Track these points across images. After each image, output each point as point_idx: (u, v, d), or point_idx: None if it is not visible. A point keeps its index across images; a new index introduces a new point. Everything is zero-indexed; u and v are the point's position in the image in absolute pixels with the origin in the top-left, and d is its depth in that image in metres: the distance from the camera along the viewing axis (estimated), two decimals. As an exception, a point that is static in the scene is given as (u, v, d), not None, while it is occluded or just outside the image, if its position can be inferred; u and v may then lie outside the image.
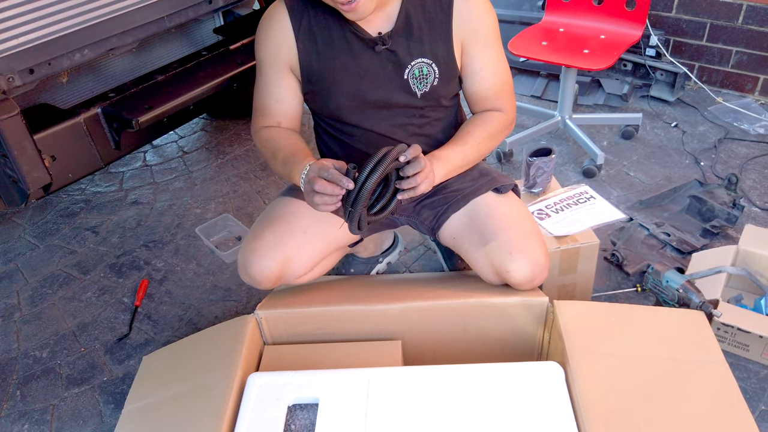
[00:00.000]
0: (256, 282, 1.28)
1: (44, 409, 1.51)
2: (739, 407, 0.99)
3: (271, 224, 1.30)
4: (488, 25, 1.24)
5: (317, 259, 1.33)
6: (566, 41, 2.21)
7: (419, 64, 1.21)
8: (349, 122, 1.30)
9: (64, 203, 2.31)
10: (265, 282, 1.28)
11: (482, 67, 1.27)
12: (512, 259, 1.20)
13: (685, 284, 1.40)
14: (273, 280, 1.28)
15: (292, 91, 1.29)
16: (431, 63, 1.22)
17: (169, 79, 1.71)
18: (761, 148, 2.24)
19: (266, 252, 1.26)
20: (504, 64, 1.30)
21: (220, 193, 2.26)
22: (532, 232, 1.25)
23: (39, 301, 1.85)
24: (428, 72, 1.22)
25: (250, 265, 1.26)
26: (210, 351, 1.25)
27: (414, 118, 1.29)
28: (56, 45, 1.40)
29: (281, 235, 1.28)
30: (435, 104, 1.29)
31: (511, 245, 1.21)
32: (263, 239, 1.27)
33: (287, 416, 1.05)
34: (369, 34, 1.19)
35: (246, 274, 1.28)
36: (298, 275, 1.31)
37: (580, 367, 1.06)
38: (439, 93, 1.26)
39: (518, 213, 1.29)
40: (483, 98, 1.31)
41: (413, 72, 1.21)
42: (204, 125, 2.74)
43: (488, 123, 1.30)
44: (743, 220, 1.88)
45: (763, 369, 1.42)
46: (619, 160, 2.25)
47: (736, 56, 2.53)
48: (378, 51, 1.20)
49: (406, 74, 1.22)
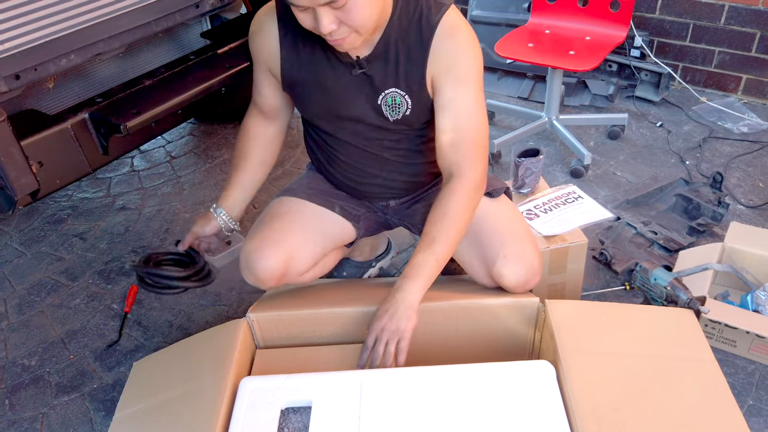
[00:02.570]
0: (260, 281, 1.28)
1: (34, 418, 1.50)
2: (728, 403, 1.00)
3: (271, 223, 1.31)
4: (464, 64, 1.15)
5: (319, 256, 1.35)
6: (552, 43, 2.23)
7: (392, 93, 1.20)
8: (325, 131, 1.32)
9: (51, 210, 2.29)
10: (269, 280, 1.28)
11: (447, 104, 1.17)
12: (506, 263, 1.21)
13: (672, 282, 1.42)
14: (276, 278, 1.28)
15: (272, 89, 1.33)
16: (404, 95, 1.19)
17: (157, 83, 1.70)
18: (745, 147, 2.28)
19: (269, 250, 1.26)
20: (477, 109, 1.17)
21: (209, 198, 2.25)
22: (525, 237, 1.26)
23: (27, 309, 1.84)
24: (401, 102, 1.20)
25: (254, 265, 1.26)
26: (201, 356, 1.24)
27: (388, 133, 1.29)
28: (42, 50, 1.39)
29: (283, 233, 1.29)
30: (408, 128, 1.27)
31: (505, 249, 1.22)
32: (265, 238, 1.28)
33: (280, 420, 1.04)
34: (349, 56, 1.18)
35: (250, 274, 1.29)
36: (300, 272, 1.32)
37: (571, 366, 1.07)
38: (412, 120, 1.24)
39: (511, 217, 1.30)
40: (446, 145, 1.19)
41: (386, 99, 1.21)
42: (192, 129, 2.73)
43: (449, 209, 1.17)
44: (728, 217, 1.90)
45: (750, 364, 1.44)
46: (606, 160, 2.28)
47: (719, 56, 2.57)
48: (354, 74, 1.19)
49: (379, 100, 1.21)
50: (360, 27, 1.05)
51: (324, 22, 1.01)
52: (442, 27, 1.13)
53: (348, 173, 1.36)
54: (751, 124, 2.41)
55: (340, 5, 1.00)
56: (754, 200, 2.00)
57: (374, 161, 1.32)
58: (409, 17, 1.13)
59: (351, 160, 1.33)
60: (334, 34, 1.06)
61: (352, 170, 1.35)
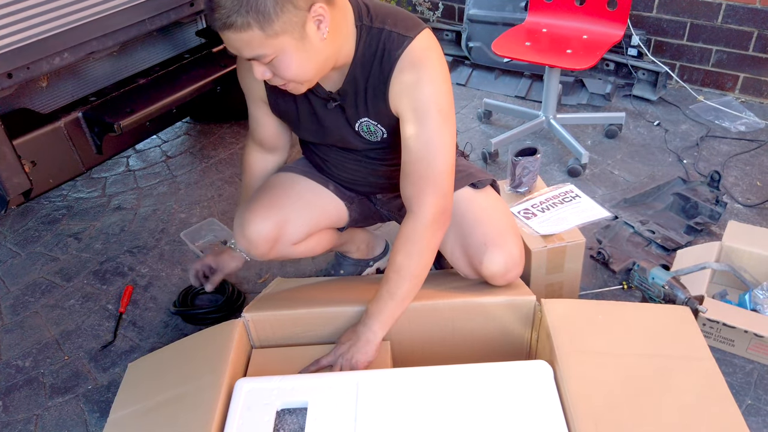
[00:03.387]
0: (253, 244, 1.30)
1: (28, 420, 1.48)
2: (727, 402, 1.00)
3: (267, 190, 1.36)
4: (423, 96, 1.11)
5: (312, 227, 1.37)
6: (549, 41, 2.23)
7: (365, 122, 1.22)
8: (318, 153, 1.39)
9: (45, 210, 2.27)
10: (262, 244, 1.29)
11: (406, 138, 1.14)
12: (486, 251, 1.22)
13: (670, 281, 1.41)
14: (270, 242, 1.30)
15: (268, 116, 1.36)
16: (376, 123, 1.22)
17: (152, 82, 1.69)
18: (742, 146, 2.28)
19: (263, 212, 1.29)
20: (433, 142, 1.12)
21: (205, 198, 2.24)
22: (507, 227, 1.27)
23: (21, 310, 1.82)
24: (375, 129, 1.23)
25: (247, 225, 1.29)
26: (197, 356, 1.23)
27: (376, 152, 1.32)
28: (35, 49, 1.38)
29: (277, 199, 1.32)
30: (393, 142, 1.26)
31: (486, 238, 1.22)
32: (260, 202, 1.32)
33: (276, 421, 1.04)
34: (324, 90, 1.20)
35: (242, 238, 1.30)
36: (294, 240, 1.34)
37: (568, 366, 1.06)
38: (394, 141, 1.24)
39: (495, 208, 1.30)
40: (401, 178, 1.17)
41: (362, 127, 1.24)
42: (188, 129, 2.72)
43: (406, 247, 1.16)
44: (726, 216, 1.90)
45: (748, 364, 1.44)
46: (603, 159, 2.27)
47: (716, 55, 2.57)
48: (329, 108, 1.23)
49: (356, 127, 1.24)
50: (293, 79, 1.07)
51: (257, 72, 1.05)
52: (402, 62, 1.10)
53: (339, 174, 1.40)
54: (748, 122, 2.41)
55: (266, 62, 1.02)
56: (752, 199, 1.99)
57: (364, 168, 1.36)
58: (373, 52, 1.12)
59: (341, 166, 1.38)
60: (272, 82, 1.09)
61: (343, 172, 1.39)
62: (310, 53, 1.03)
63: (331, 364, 1.17)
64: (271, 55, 1.00)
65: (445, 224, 1.18)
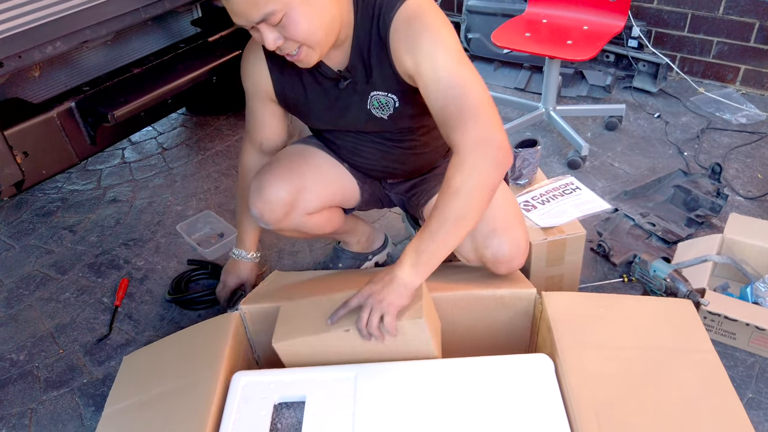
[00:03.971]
0: (269, 206, 1.29)
1: (22, 413, 1.47)
2: (728, 395, 0.99)
3: (287, 156, 1.35)
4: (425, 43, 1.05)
5: (328, 199, 1.37)
6: (549, 32, 2.20)
7: (376, 96, 1.21)
8: (330, 138, 1.38)
9: (40, 202, 2.25)
10: (278, 208, 1.29)
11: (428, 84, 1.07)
12: (493, 236, 1.20)
13: (672, 273, 1.40)
14: (286, 206, 1.30)
15: (275, 116, 1.36)
16: (386, 94, 1.21)
17: (146, 72, 1.66)
18: (743, 138, 2.26)
19: (284, 174, 1.30)
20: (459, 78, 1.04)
21: (201, 190, 2.21)
22: (515, 217, 1.26)
23: (15, 303, 1.80)
24: (386, 101, 1.22)
25: (266, 187, 1.28)
26: (193, 350, 1.21)
27: (390, 134, 1.31)
28: (27, 37, 1.35)
29: (297, 166, 1.32)
30: (408, 122, 1.26)
31: (495, 223, 1.21)
32: (280, 166, 1.32)
33: (273, 415, 1.02)
34: (332, 70, 1.20)
35: (259, 198, 1.29)
36: (309, 209, 1.34)
37: (569, 359, 1.05)
38: (407, 113, 1.23)
39: (504, 197, 1.29)
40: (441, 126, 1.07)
41: (372, 103, 1.22)
42: (184, 121, 2.69)
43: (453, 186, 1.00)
44: (727, 209, 1.88)
45: (750, 357, 1.43)
46: (604, 151, 2.25)
47: (718, 46, 2.55)
48: (342, 87, 1.22)
49: (368, 105, 1.23)
50: (305, 40, 1.06)
51: (268, 39, 1.04)
52: (396, 21, 1.09)
53: (353, 159, 1.40)
54: (749, 114, 2.39)
55: (275, 22, 1.02)
56: (753, 191, 1.98)
57: (378, 151, 1.35)
58: (369, 19, 1.12)
59: (354, 150, 1.37)
60: (283, 50, 1.08)
61: (356, 157, 1.38)
62: (316, 8, 1.04)
63: (360, 305, 1.05)
64: (280, 12, 1.00)
65: (497, 159, 1.00)
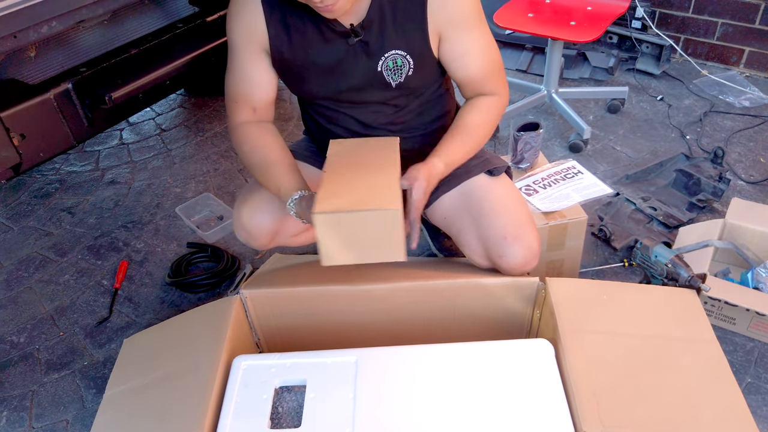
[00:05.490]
0: (252, 237, 1.26)
1: (23, 395, 1.47)
2: (728, 383, 0.99)
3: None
4: (467, 7, 1.15)
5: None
6: (552, 13, 2.17)
7: (393, 55, 1.16)
8: (323, 106, 1.28)
9: (38, 183, 2.23)
10: (261, 236, 1.25)
11: (467, 51, 1.19)
12: (507, 245, 1.18)
13: (673, 259, 1.39)
14: (270, 235, 1.26)
15: (266, 73, 1.23)
16: (405, 54, 1.16)
17: (144, 52, 1.64)
18: (746, 121, 2.24)
19: (263, 204, 1.24)
20: (490, 43, 1.22)
21: (200, 172, 2.20)
22: (526, 219, 1.23)
23: (15, 285, 1.80)
24: (402, 63, 1.17)
25: (247, 218, 1.24)
26: (194, 333, 1.21)
27: (387, 107, 1.26)
28: (22, 17, 1.32)
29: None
30: (409, 93, 1.24)
31: (506, 230, 1.19)
32: (260, 192, 1.25)
33: (274, 399, 1.03)
34: (342, 25, 1.13)
35: (241, 228, 1.26)
36: (294, 232, 1.30)
37: (571, 344, 1.05)
38: (414, 83, 1.21)
39: (512, 198, 1.27)
40: (472, 82, 1.24)
41: (387, 63, 1.17)
42: (182, 102, 2.66)
43: (483, 109, 1.24)
44: (729, 193, 1.88)
45: (749, 342, 1.43)
46: (606, 135, 2.24)
47: (722, 28, 2.52)
48: (351, 43, 1.15)
49: (379, 66, 1.17)
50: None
51: None
52: None
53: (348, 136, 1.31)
54: (752, 98, 2.37)
55: None
56: (755, 176, 1.97)
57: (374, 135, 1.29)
58: None
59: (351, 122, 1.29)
60: (334, 6, 1.03)
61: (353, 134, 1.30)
62: None
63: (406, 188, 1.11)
64: None
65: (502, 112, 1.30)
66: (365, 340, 1.28)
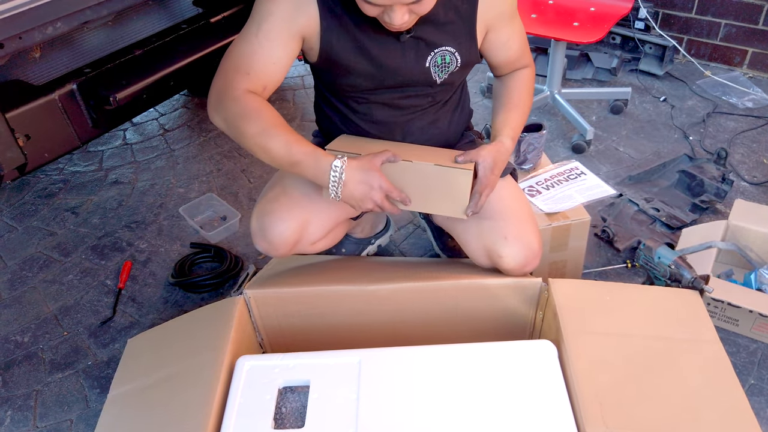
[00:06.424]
0: (273, 247, 1.24)
1: (27, 395, 1.48)
2: (731, 384, 0.99)
3: (285, 187, 1.26)
4: (508, 2, 1.23)
5: (333, 223, 1.32)
6: (555, 14, 2.17)
7: (442, 51, 1.19)
8: (355, 99, 1.25)
9: (42, 183, 2.24)
10: (283, 246, 1.24)
11: (509, 38, 1.28)
12: (506, 244, 1.19)
13: (676, 260, 1.39)
14: (291, 244, 1.25)
15: (290, 59, 1.16)
16: (454, 51, 1.19)
17: (148, 53, 1.64)
18: (749, 122, 2.24)
19: (284, 214, 1.22)
20: (522, 25, 1.31)
21: (204, 172, 2.21)
22: (528, 219, 1.24)
23: (19, 285, 1.81)
24: (450, 60, 1.20)
25: (268, 228, 1.22)
26: (197, 333, 1.22)
27: (422, 99, 1.26)
28: (27, 18, 1.33)
29: (298, 198, 1.25)
30: (447, 91, 1.28)
31: (506, 230, 1.20)
32: (280, 201, 1.24)
33: (278, 399, 1.03)
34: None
35: (262, 239, 1.24)
36: (313, 240, 1.29)
37: (574, 346, 1.05)
38: (456, 79, 1.25)
39: (515, 198, 1.27)
40: (511, 62, 1.34)
41: (435, 60, 1.19)
42: (185, 102, 2.67)
43: (525, 82, 1.34)
44: (732, 194, 1.87)
45: (752, 343, 1.43)
46: (608, 135, 2.24)
47: (725, 29, 2.51)
48: (403, 40, 1.16)
49: (428, 62, 1.19)
50: (425, 11, 1.06)
51: (397, 17, 1.03)
52: None
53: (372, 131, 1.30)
54: (756, 98, 2.37)
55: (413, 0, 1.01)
56: (758, 177, 1.97)
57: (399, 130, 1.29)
58: None
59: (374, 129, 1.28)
60: (400, 26, 1.07)
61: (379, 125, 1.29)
62: None
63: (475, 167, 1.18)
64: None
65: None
66: (368, 341, 1.28)
